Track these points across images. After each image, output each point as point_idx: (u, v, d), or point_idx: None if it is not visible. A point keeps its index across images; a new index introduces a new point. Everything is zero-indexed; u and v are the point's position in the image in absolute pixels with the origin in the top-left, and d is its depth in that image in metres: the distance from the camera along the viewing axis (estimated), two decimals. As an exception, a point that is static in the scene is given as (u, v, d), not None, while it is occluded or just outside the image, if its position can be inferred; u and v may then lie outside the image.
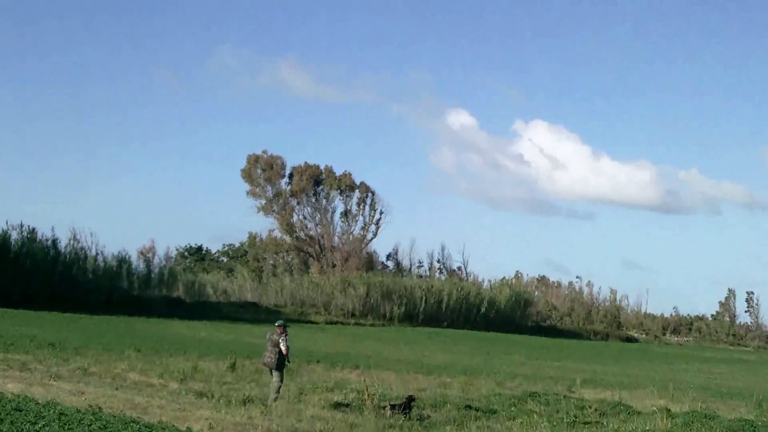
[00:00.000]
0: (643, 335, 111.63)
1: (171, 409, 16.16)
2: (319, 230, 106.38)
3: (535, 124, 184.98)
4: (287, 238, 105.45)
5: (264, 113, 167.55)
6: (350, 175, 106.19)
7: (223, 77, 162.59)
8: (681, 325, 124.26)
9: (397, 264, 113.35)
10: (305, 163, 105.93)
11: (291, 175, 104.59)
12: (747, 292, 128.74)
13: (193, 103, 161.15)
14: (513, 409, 20.63)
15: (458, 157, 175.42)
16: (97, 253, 66.83)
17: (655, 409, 21.18)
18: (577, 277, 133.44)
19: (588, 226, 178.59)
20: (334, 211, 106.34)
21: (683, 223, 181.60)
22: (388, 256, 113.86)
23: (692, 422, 19.27)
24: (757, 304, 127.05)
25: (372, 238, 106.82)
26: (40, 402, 14.47)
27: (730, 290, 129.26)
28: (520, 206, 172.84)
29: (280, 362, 18.49)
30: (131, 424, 13.21)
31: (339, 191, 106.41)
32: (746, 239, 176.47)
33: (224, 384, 21.37)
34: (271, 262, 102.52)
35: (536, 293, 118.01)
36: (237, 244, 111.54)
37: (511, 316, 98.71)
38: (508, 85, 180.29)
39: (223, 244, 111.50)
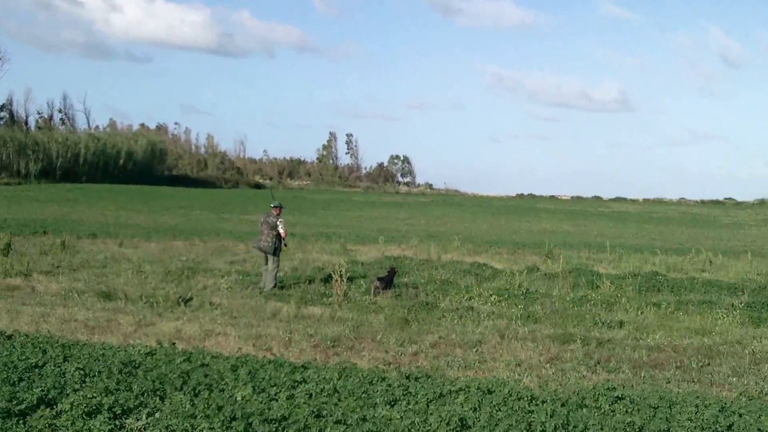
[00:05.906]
0: (268, 181, 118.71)
1: (128, 323, 12.49)
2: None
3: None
4: None
5: None
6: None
7: None
8: (294, 169, 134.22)
9: (12, 115, 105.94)
10: None
11: None
12: (347, 135, 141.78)
13: None
14: (433, 283, 18.35)
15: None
16: None
17: (515, 269, 21.20)
18: (175, 123, 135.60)
19: (146, 70, 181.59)
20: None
21: (240, 66, 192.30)
22: (2, 107, 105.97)
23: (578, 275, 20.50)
24: (356, 146, 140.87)
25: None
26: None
27: (331, 134, 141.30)
28: (76, 49, 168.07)
29: (278, 246, 16.91)
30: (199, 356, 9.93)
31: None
32: (300, 81, 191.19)
33: (73, 273, 18.11)
34: None
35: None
36: None
37: (148, 167, 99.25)
38: None
39: None
